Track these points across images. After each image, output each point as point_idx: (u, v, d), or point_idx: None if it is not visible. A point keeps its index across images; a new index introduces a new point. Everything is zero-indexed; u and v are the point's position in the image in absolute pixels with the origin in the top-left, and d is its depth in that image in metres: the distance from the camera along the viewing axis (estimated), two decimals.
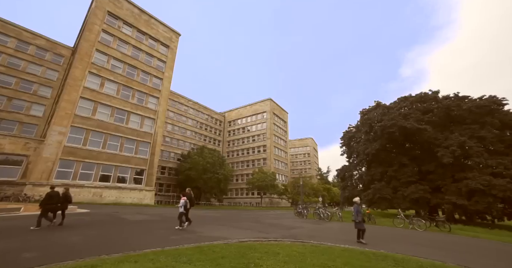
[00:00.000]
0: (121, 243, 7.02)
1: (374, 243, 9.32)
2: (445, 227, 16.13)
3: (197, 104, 58.30)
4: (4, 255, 5.36)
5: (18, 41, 32.46)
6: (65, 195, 9.94)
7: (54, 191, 9.67)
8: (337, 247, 8.00)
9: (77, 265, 4.54)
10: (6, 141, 20.99)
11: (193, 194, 11.14)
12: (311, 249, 7.14)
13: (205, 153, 41.70)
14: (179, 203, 10.25)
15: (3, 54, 31.06)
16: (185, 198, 10.38)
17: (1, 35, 31.29)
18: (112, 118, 27.24)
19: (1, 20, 31.57)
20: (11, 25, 32.22)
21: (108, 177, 25.57)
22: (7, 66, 31.08)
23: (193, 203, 10.80)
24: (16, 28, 32.61)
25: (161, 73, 33.81)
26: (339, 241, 9.20)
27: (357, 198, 10.03)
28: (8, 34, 31.69)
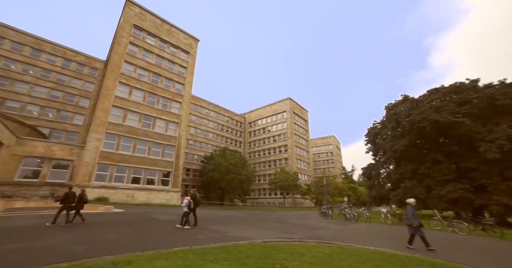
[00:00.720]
0: (152, 241, 7.49)
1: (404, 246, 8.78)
2: (494, 232, 14.24)
3: (218, 106, 59.72)
4: (61, 247, 6.19)
5: (64, 59, 36.66)
6: (81, 196, 10.82)
7: (71, 192, 10.56)
8: (366, 249, 7.70)
9: (116, 260, 4.97)
10: (57, 148, 23.54)
11: (197, 194, 11.41)
12: (338, 251, 6.96)
13: (227, 155, 42.53)
14: (183, 203, 10.49)
15: (53, 72, 35.30)
16: (189, 198, 10.57)
17: (51, 56, 35.70)
18: (140, 124, 29.06)
19: (51, 42, 36.00)
20: (57, 46, 36.43)
21: (139, 179, 27.30)
22: (56, 82, 35.35)
23: (198, 203, 11.03)
24: (62, 48, 36.76)
25: (182, 78, 35.29)
26: (368, 243, 8.83)
27: (412, 199, 8.89)
28: (56, 54, 36.06)
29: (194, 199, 10.74)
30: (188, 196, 10.69)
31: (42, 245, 6.35)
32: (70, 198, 10.26)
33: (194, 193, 11.19)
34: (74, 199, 10.43)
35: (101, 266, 4.54)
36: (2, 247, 6.05)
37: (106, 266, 4.56)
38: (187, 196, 10.69)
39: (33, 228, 8.77)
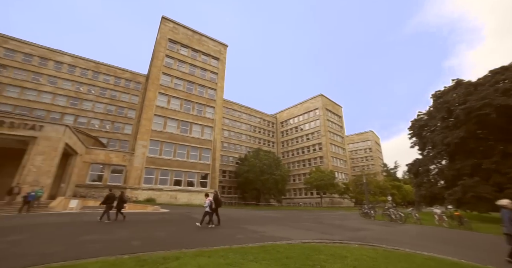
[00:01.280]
0: (195, 240, 8.01)
1: (475, 255, 7.73)
2: None
3: (249, 108, 60.78)
4: (122, 241, 7.11)
5: (115, 77, 41.92)
6: (120, 197, 12.20)
7: (111, 193, 11.97)
8: (418, 254, 7.01)
9: (166, 255, 5.48)
10: (113, 155, 26.95)
11: (219, 195, 11.70)
12: (384, 254, 6.50)
13: (261, 155, 42.94)
14: (205, 203, 10.84)
15: (108, 89, 40.60)
16: (210, 199, 10.86)
17: (106, 76, 41.14)
18: (179, 130, 31.27)
19: (106, 64, 41.53)
20: (110, 66, 41.88)
21: (180, 181, 29.37)
22: (110, 98, 40.51)
23: (220, 203, 11.32)
24: (113, 68, 42.09)
25: (214, 84, 36.95)
26: (421, 248, 8.02)
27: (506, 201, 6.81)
28: (109, 74, 41.50)
29: (216, 199, 11.03)
30: (209, 197, 11.03)
31: (109, 238, 7.43)
32: (110, 199, 11.67)
33: (216, 193, 11.56)
34: (114, 199, 11.84)
35: (154, 260, 5.05)
36: (83, 237, 7.43)
37: (158, 260, 5.06)
38: (209, 197, 11.04)
39: (100, 224, 10.36)
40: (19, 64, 34.80)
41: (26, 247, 6.26)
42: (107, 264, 4.72)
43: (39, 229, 8.95)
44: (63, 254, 5.48)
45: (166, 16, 34.61)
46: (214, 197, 11.11)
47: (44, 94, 35.63)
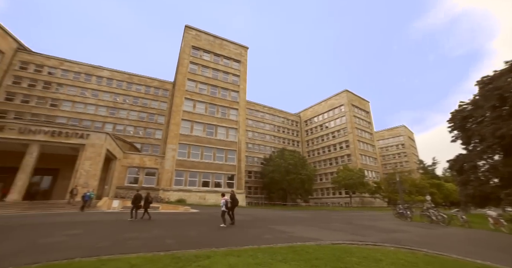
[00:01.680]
0: (224, 239, 8.24)
1: None
2: None
3: (272, 108, 60.71)
4: (157, 239, 7.61)
5: (146, 86, 45.14)
6: (146, 197, 13.16)
7: (138, 194, 12.94)
8: (469, 262, 6.29)
9: (198, 254, 5.74)
10: (147, 159, 29.02)
11: (236, 195, 11.92)
12: (426, 260, 6.01)
13: (286, 155, 42.57)
14: (221, 203, 11.07)
15: (140, 98, 43.94)
16: (226, 198, 11.13)
17: (138, 85, 44.64)
18: (204, 133, 32.47)
19: (137, 75, 44.92)
20: (141, 77, 45.33)
21: (208, 182, 30.44)
22: (142, 106, 43.75)
23: (236, 203, 11.51)
24: (144, 78, 45.45)
25: (237, 86, 37.68)
26: (471, 254, 7.18)
27: None
28: (140, 83, 44.89)
29: (232, 199, 11.39)
30: (225, 197, 11.33)
31: (146, 236, 8.00)
32: (138, 199, 12.67)
33: (232, 193, 11.92)
34: (141, 200, 12.83)
35: (187, 258, 5.33)
36: (125, 234, 8.11)
37: (191, 258, 5.33)
38: (225, 197, 11.33)
39: (138, 223, 11.18)
40: (71, 82, 39.69)
41: (81, 240, 7.13)
42: (146, 260, 5.11)
43: (91, 226, 10.00)
44: (110, 249, 6.07)
45: (189, 25, 36.37)
46: (231, 197, 11.46)
47: (89, 106, 39.93)
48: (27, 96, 36.53)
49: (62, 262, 4.84)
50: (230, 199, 11.36)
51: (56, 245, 6.51)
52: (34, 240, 7.06)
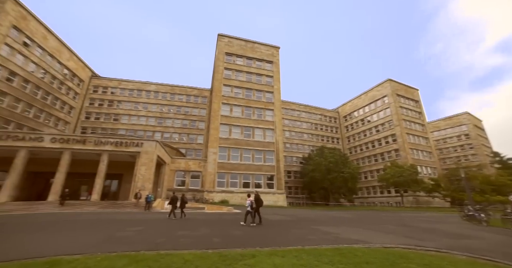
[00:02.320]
0: (268, 239, 8.38)
1: None
2: None
3: (308, 106, 59.12)
4: (205, 237, 8.20)
5: (186, 96, 48.94)
6: (182, 198, 14.30)
7: (174, 196, 14.32)
8: None
9: (243, 253, 5.99)
10: (191, 163, 31.43)
11: (260, 195, 12.19)
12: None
13: (326, 153, 40.92)
14: (246, 203, 11.62)
15: (182, 107, 48.01)
16: (251, 199, 11.48)
17: (180, 95, 48.66)
18: (242, 135, 33.48)
19: (179, 86, 49.18)
20: (182, 87, 49.29)
21: (248, 183, 31.26)
22: (184, 114, 47.62)
23: (260, 203, 11.71)
24: (184, 88, 49.44)
25: (271, 87, 37.95)
26: None
27: None
28: (181, 93, 48.87)
29: (257, 200, 11.63)
30: (250, 197, 11.72)
31: (195, 234, 8.68)
32: (174, 201, 14.00)
33: (257, 194, 12.13)
34: (177, 201, 14.06)
35: (233, 256, 5.62)
36: (177, 232, 8.95)
37: (237, 257, 5.60)
38: (250, 197, 11.70)
39: (188, 222, 12.18)
40: (127, 98, 45.84)
41: (143, 235, 8.18)
42: (197, 256, 5.57)
43: (149, 223, 11.32)
44: (166, 245, 6.82)
45: (221, 33, 38.28)
46: (255, 198, 11.73)
47: (141, 117, 45.30)
48: (98, 114, 43.78)
49: (132, 253, 5.65)
50: (254, 200, 11.69)
51: (126, 239, 7.64)
52: (112, 234, 8.42)
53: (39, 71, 33.78)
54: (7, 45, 29.04)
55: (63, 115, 38.37)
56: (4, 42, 28.59)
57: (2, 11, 28.21)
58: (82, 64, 42.82)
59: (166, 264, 4.84)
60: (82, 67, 42.91)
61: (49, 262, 4.95)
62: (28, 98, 31.76)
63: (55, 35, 36.21)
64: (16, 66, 30.12)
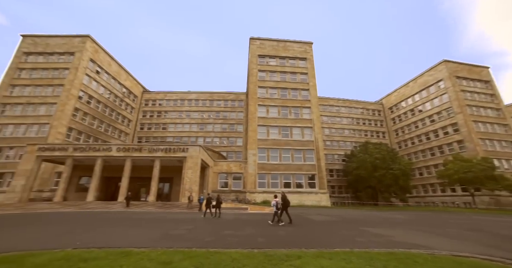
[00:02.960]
0: (313, 240, 8.21)
1: None
2: None
3: (347, 100, 55.69)
4: (251, 237, 8.46)
5: (224, 101, 51.53)
6: (217, 198, 15.25)
7: (209, 196, 15.47)
8: None
9: (288, 253, 6.02)
10: (233, 165, 32.83)
11: (286, 196, 12.41)
12: None
13: (370, 149, 37.82)
14: (272, 203, 12.21)
15: (220, 112, 50.71)
16: (277, 200, 11.93)
17: (218, 101, 51.51)
18: (280, 135, 33.42)
19: (216, 92, 52.17)
20: (219, 93, 52.21)
21: (289, 183, 30.97)
22: (223, 118, 50.20)
23: (287, 203, 11.95)
24: (222, 93, 52.09)
25: (306, 84, 37.07)
26: None
27: None
28: (219, 99, 51.78)
29: (283, 200, 11.92)
30: (277, 198, 12.08)
31: (240, 234, 9.03)
32: (209, 201, 15.21)
33: (283, 194, 12.39)
34: (211, 201, 15.25)
35: (278, 256, 5.69)
36: (223, 232, 9.45)
37: (282, 257, 5.65)
38: (276, 198, 12.07)
39: (232, 222, 12.74)
40: (172, 108, 50.67)
41: (194, 234, 8.90)
42: (243, 255, 5.81)
43: (198, 223, 12.21)
44: (214, 243, 7.29)
45: (253, 37, 39.21)
46: (282, 198, 12.03)
47: (185, 125, 49.32)
48: (150, 124, 49.51)
49: (185, 250, 6.23)
50: (281, 201, 11.95)
51: (179, 236, 8.44)
52: (167, 231, 9.39)
53: (106, 92, 40.35)
54: (87, 75, 35.85)
55: (123, 128, 44.60)
56: (85, 73, 35.39)
57: (83, 49, 35.27)
58: (135, 81, 49.20)
59: (216, 262, 5.19)
60: (135, 85, 49.26)
61: (124, 252, 5.89)
62: (100, 116, 38.28)
63: (116, 60, 42.80)
64: (92, 91, 36.82)
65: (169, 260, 5.21)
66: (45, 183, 28.89)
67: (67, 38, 36.48)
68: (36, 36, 36.91)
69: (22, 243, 7.24)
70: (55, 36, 36.79)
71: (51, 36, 36.89)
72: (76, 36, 36.49)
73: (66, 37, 36.54)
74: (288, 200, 12.17)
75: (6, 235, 8.79)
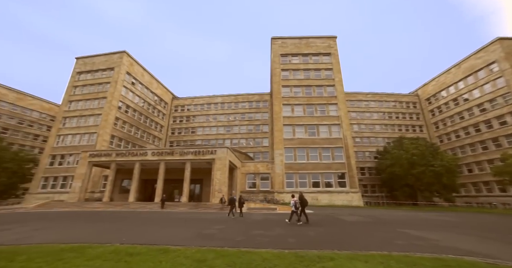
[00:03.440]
0: (346, 241, 7.87)
1: None
2: None
3: (377, 94, 52.26)
4: (280, 237, 8.46)
5: (248, 102, 52.48)
6: (239, 199, 16.06)
7: (232, 197, 16.01)
8: None
9: (320, 254, 5.87)
10: (260, 165, 33.06)
11: (304, 196, 12.70)
12: None
13: (406, 144, 34.88)
14: (290, 203, 12.56)
15: (245, 113, 51.67)
16: (295, 199, 12.29)
17: (242, 103, 52.68)
18: (306, 134, 32.70)
19: (240, 94, 53.33)
20: (244, 95, 53.27)
21: (318, 183, 30.08)
22: (248, 120, 50.83)
23: (305, 203, 12.26)
24: (246, 95, 53.23)
25: (331, 80, 35.76)
26: None
27: None
28: (244, 101, 52.81)
29: (301, 200, 12.21)
30: (295, 198, 12.45)
31: (270, 234, 9.06)
32: (232, 201, 15.78)
33: (300, 194, 12.72)
34: (234, 201, 15.88)
35: (310, 258, 5.59)
36: (253, 232, 9.59)
37: (314, 258, 5.54)
38: (294, 198, 12.44)
39: (262, 222, 12.81)
40: (199, 112, 53.05)
41: (225, 233, 9.16)
42: (274, 255, 5.82)
43: (228, 223, 12.53)
44: (245, 243, 7.41)
45: (274, 36, 39.14)
46: (300, 198, 12.34)
47: (212, 128, 51.14)
48: (180, 129, 52.38)
49: (217, 249, 6.47)
50: (299, 200, 12.25)
51: (211, 235, 8.78)
52: (200, 231, 9.84)
53: (141, 101, 43.98)
54: (124, 87, 39.62)
55: (157, 133, 47.86)
56: (123, 85, 39.27)
57: (121, 64, 39.43)
58: (165, 89, 52.53)
59: (247, 261, 5.30)
60: (165, 92, 52.62)
61: (162, 249, 6.35)
62: (136, 123, 41.83)
63: (148, 71, 46.38)
64: (129, 101, 40.68)
65: (203, 258, 5.47)
66: (95, 185, 32.49)
67: (108, 56, 40.91)
68: (85, 57, 42.14)
69: (83, 236, 8.52)
70: (99, 55, 41.48)
71: (96, 55, 41.60)
72: (115, 53, 40.72)
73: (107, 54, 41.02)
74: (306, 199, 12.49)
75: (70, 229, 10.32)
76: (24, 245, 7.12)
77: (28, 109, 46.73)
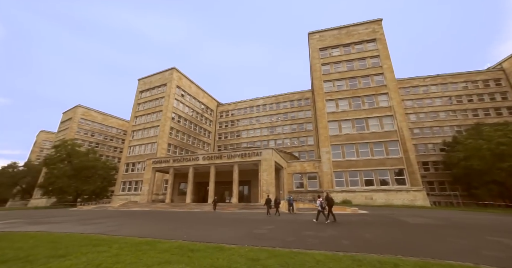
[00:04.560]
0: (412, 247, 7.01)
1: None
2: None
3: (439, 76, 44.91)
4: (332, 238, 8.09)
5: (290, 102, 52.29)
6: (275, 199, 17.13)
7: (269, 198, 17.33)
8: None
9: (381, 260, 5.39)
10: (306, 165, 32.28)
11: (330, 196, 13.40)
12: None
13: (486, 132, 28.79)
14: (316, 203, 13.11)
15: (288, 113, 51.41)
16: (321, 200, 12.88)
17: (283, 103, 52.78)
18: (354, 129, 30.39)
19: (281, 94, 53.58)
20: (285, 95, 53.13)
21: (371, 181, 27.50)
22: (291, 119, 50.52)
23: (331, 203, 12.69)
24: (286, 95, 53.20)
25: (379, 68, 32.43)
26: None
27: None
28: (285, 100, 52.72)
29: (328, 200, 12.74)
30: (320, 198, 13.11)
31: (322, 235, 8.74)
32: (268, 202, 17.08)
33: (327, 194, 13.55)
34: (270, 202, 17.18)
35: (369, 262, 5.20)
36: (304, 232, 9.43)
37: (373, 263, 5.13)
38: (320, 198, 13.12)
39: (311, 222, 12.23)
40: (243, 116, 55.74)
41: (275, 234, 9.23)
42: (328, 257, 5.61)
43: (278, 223, 12.55)
44: (296, 243, 7.35)
45: (311, 31, 37.86)
46: (326, 198, 12.85)
47: (256, 130, 52.76)
48: (226, 134, 55.89)
49: (269, 249, 6.60)
50: (325, 200, 12.71)
51: (262, 235, 8.98)
52: (251, 230, 10.17)
53: (190, 111, 48.89)
54: (175, 99, 44.98)
55: (205, 139, 52.02)
56: (174, 98, 44.70)
57: (172, 79, 45.09)
58: (210, 97, 56.84)
59: (300, 262, 5.25)
60: (211, 100, 56.93)
61: (218, 247, 6.82)
62: (187, 131, 46.65)
63: (194, 83, 51.20)
64: (180, 111, 45.87)
65: (256, 257, 5.65)
66: (159, 188, 37.28)
67: (161, 74, 46.98)
68: (145, 78, 49.05)
69: (153, 232, 9.96)
70: (154, 74, 47.83)
71: (153, 74, 47.86)
72: (166, 70, 46.51)
73: (160, 73, 47.18)
74: (332, 199, 13.05)
75: (143, 225, 12.20)
76: (116, 236, 9.16)
77: (109, 127, 59.37)
